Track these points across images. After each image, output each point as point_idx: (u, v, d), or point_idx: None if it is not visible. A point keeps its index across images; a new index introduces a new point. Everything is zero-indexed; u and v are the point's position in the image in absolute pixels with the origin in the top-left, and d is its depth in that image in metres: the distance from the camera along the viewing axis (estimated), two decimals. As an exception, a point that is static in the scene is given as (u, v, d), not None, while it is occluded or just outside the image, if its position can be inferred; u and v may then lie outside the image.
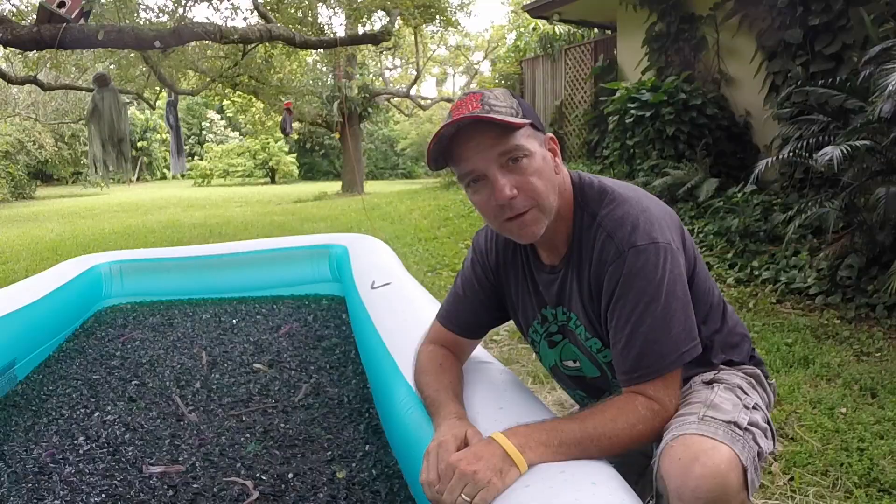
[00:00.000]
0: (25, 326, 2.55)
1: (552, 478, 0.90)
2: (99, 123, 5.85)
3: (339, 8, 9.37)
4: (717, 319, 1.18)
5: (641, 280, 1.01)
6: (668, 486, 0.91)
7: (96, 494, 1.56)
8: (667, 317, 1.01)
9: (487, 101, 1.04)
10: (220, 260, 3.71)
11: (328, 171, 25.62)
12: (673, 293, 1.01)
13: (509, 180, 1.03)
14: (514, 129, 1.03)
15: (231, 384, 2.29)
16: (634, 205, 1.08)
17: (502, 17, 46.73)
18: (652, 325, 1.01)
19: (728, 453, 0.92)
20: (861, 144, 3.16)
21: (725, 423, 0.99)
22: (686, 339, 1.02)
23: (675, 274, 1.02)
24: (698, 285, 1.13)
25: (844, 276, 3.42)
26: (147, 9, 15.16)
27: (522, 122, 1.03)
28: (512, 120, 1.02)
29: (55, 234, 8.33)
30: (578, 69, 8.34)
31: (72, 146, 21.50)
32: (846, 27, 4.60)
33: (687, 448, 0.93)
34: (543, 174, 1.06)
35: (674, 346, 1.01)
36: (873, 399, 2.30)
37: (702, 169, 5.30)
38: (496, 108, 1.03)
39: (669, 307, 1.01)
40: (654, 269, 1.01)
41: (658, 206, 1.11)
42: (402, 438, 1.56)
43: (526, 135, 1.05)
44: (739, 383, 1.13)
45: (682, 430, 0.97)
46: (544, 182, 1.06)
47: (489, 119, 1.01)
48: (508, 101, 1.06)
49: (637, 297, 1.01)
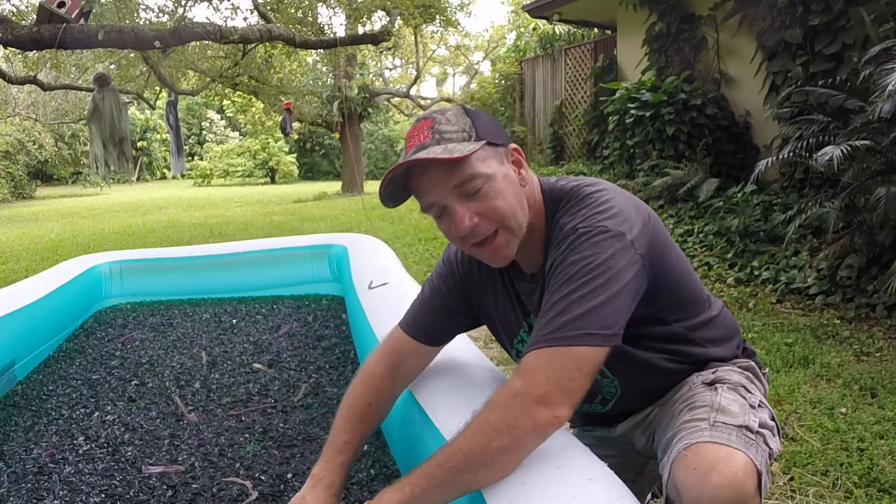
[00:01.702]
0: (25, 326, 2.55)
1: (549, 475, 0.90)
2: (100, 123, 5.85)
3: (339, 8, 9.37)
4: (696, 313, 1.16)
5: (578, 260, 0.96)
6: (683, 496, 0.91)
7: (96, 494, 1.56)
8: (589, 296, 0.92)
9: (438, 128, 1.01)
10: (220, 260, 3.71)
11: (328, 171, 25.62)
12: (606, 280, 0.93)
13: (469, 209, 1.01)
14: (467, 157, 0.99)
15: (231, 384, 2.29)
16: (595, 198, 1.04)
17: (502, 17, 46.79)
18: (570, 299, 0.93)
19: (744, 460, 0.92)
20: (861, 144, 3.16)
21: (737, 427, 0.97)
22: (598, 323, 0.91)
23: (617, 263, 0.95)
24: (670, 278, 1.09)
25: (844, 276, 3.42)
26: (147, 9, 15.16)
27: (472, 149, 0.98)
28: (457, 155, 0.97)
29: (55, 234, 8.33)
30: (578, 69, 8.34)
31: (72, 146, 21.50)
32: (846, 27, 4.60)
33: (702, 457, 0.92)
34: (506, 194, 1.03)
35: (581, 322, 0.91)
36: (873, 399, 2.30)
37: (702, 169, 5.30)
38: (447, 135, 1.00)
39: (596, 290, 0.93)
40: (594, 252, 0.95)
41: (623, 199, 1.05)
42: (401, 439, 1.56)
43: (482, 158, 1.01)
44: (740, 381, 1.12)
45: (695, 438, 0.96)
46: (508, 201, 1.03)
47: (431, 161, 0.98)
48: (461, 123, 1.03)
49: (567, 275, 0.95)
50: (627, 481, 0.93)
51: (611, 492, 0.86)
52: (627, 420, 1.27)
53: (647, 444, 1.25)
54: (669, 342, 1.15)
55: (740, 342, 1.24)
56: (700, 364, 1.19)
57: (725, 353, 1.19)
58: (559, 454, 0.95)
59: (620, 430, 1.29)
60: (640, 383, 1.19)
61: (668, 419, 1.12)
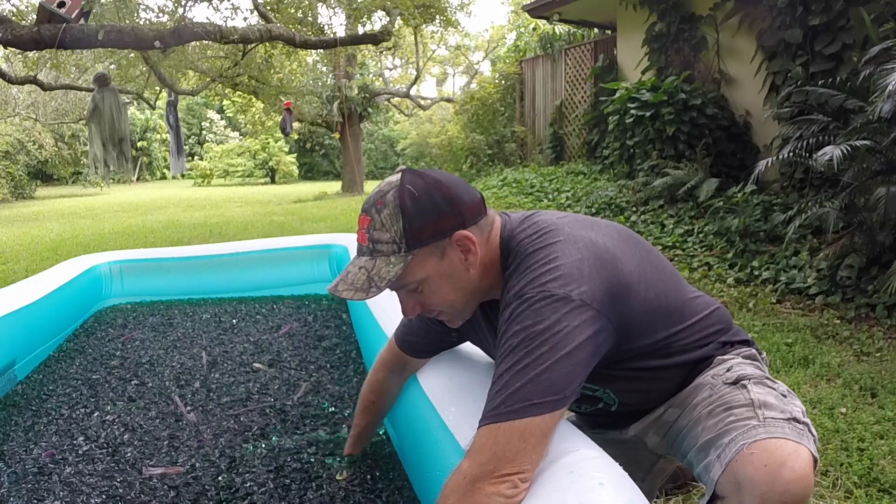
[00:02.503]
0: (25, 326, 2.55)
1: (559, 479, 0.89)
2: (99, 123, 5.86)
3: (339, 8, 9.38)
4: (675, 323, 1.15)
5: (519, 331, 0.94)
6: (750, 492, 0.94)
7: (96, 495, 1.56)
8: (532, 365, 0.91)
9: (373, 235, 1.05)
10: (220, 260, 3.71)
11: (328, 171, 25.63)
12: (553, 346, 0.91)
13: (412, 299, 1.11)
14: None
15: (231, 384, 2.29)
16: (541, 257, 1.01)
17: (502, 17, 46.76)
18: (513, 371, 0.92)
19: (806, 453, 0.96)
20: (861, 144, 3.16)
21: (786, 420, 1.01)
22: (544, 392, 0.90)
23: (564, 326, 0.92)
24: (640, 315, 1.06)
25: (844, 276, 3.42)
26: (147, 9, 15.18)
27: (386, 282, 1.03)
28: (359, 297, 1.04)
29: (55, 234, 8.33)
30: (578, 69, 8.33)
31: (72, 146, 21.51)
32: (846, 27, 4.60)
33: (770, 454, 0.95)
34: (443, 290, 1.08)
35: (523, 393, 0.89)
36: (873, 399, 2.30)
37: (702, 169, 5.30)
38: (378, 247, 1.05)
39: (540, 357, 0.91)
40: (536, 320, 0.93)
41: (573, 251, 1.00)
42: (404, 437, 1.56)
43: (418, 261, 1.05)
44: (758, 374, 1.15)
45: (754, 436, 0.98)
46: (444, 297, 1.09)
47: (350, 298, 1.06)
48: (393, 231, 1.03)
49: (510, 347, 0.94)
50: (637, 479, 0.94)
51: (623, 496, 0.85)
52: (640, 421, 1.28)
53: (661, 442, 1.26)
54: (651, 359, 1.15)
55: (735, 331, 1.26)
56: (698, 363, 1.19)
57: (722, 347, 1.21)
58: (570, 457, 0.94)
59: (633, 432, 1.30)
60: (634, 390, 1.20)
61: (694, 422, 1.13)
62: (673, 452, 1.23)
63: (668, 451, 1.26)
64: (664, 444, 1.25)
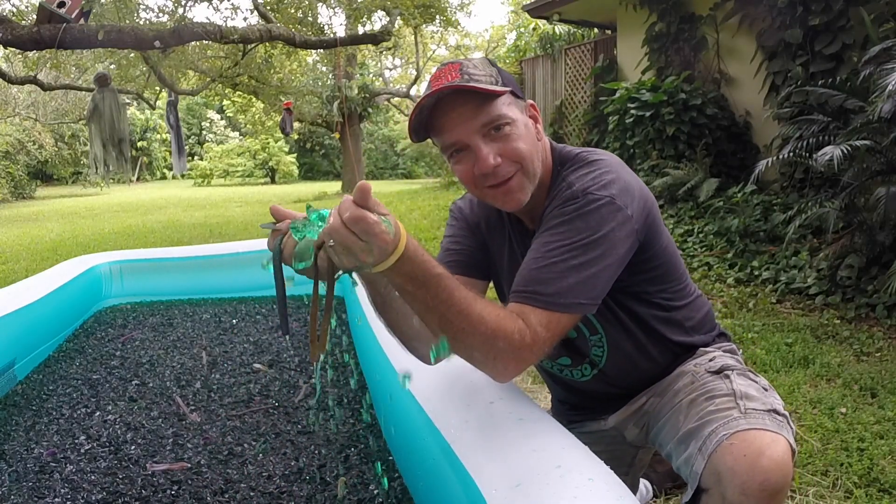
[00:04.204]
0: (25, 326, 2.55)
1: (547, 474, 0.90)
2: (99, 123, 5.86)
3: (339, 8, 9.38)
4: (677, 290, 1.22)
5: (582, 223, 1.01)
6: (730, 482, 0.94)
7: (98, 492, 1.56)
8: (585, 265, 0.99)
9: (466, 70, 1.04)
10: (220, 260, 3.71)
11: (328, 171, 25.64)
12: (603, 251, 1.00)
13: (492, 149, 1.04)
14: (495, 98, 1.03)
15: (231, 384, 2.29)
16: (604, 167, 1.08)
17: (502, 17, 46.74)
18: (568, 262, 0.99)
19: (784, 443, 0.97)
20: (861, 144, 3.16)
21: (766, 411, 1.02)
22: (587, 293, 1.00)
23: (615, 236, 1.01)
24: (659, 256, 1.16)
25: (844, 276, 3.42)
26: (147, 9, 15.17)
27: (503, 90, 1.03)
28: (492, 88, 1.02)
29: (55, 234, 8.33)
30: (578, 69, 8.33)
31: (72, 146, 21.52)
32: (846, 27, 4.60)
33: (749, 444, 0.96)
34: (527, 139, 1.07)
35: (574, 291, 0.98)
36: (873, 399, 2.30)
37: (702, 169, 5.30)
38: (475, 77, 1.03)
39: (592, 259, 0.99)
40: (599, 221, 1.01)
41: (631, 178, 1.10)
42: (402, 438, 1.56)
43: (507, 103, 1.05)
44: (740, 366, 1.18)
45: (734, 427, 0.99)
46: (529, 146, 1.07)
47: (469, 88, 1.01)
48: (487, 70, 1.06)
49: (571, 234, 1.01)
50: (621, 474, 0.95)
51: (612, 491, 0.86)
52: (620, 410, 1.29)
53: (640, 434, 1.27)
54: (652, 308, 1.20)
55: (716, 326, 1.31)
56: (683, 349, 1.24)
57: (706, 339, 1.26)
58: (558, 454, 0.96)
59: (612, 422, 1.31)
60: (625, 348, 1.22)
61: (675, 410, 1.14)
62: (651, 442, 1.24)
63: (646, 442, 1.27)
64: (643, 435, 1.26)
